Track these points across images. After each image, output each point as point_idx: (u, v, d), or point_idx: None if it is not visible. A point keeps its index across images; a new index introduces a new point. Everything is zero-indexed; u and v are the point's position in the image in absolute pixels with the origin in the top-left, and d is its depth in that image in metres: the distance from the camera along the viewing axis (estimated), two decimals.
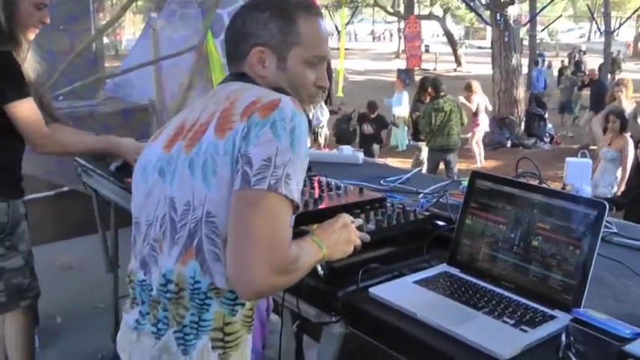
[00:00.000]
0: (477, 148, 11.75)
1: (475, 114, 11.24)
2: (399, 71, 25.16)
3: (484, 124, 11.75)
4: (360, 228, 1.66)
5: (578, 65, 22.28)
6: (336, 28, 26.13)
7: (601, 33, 23.96)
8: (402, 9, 32.30)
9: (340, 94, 18.76)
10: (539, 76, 18.88)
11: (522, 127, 14.12)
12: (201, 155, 1.38)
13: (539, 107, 14.22)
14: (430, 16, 31.22)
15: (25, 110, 2.51)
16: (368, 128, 11.40)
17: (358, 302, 1.56)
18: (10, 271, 2.70)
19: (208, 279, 1.37)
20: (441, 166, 9.23)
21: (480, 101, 11.29)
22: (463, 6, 29.18)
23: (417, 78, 24.40)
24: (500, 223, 1.64)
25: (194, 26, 5.53)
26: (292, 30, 1.52)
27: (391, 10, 34.82)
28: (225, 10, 5.31)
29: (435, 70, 27.13)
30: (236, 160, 1.32)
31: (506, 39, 13.74)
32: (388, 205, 1.97)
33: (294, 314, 1.79)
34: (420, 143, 9.98)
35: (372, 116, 11.47)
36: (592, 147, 12.18)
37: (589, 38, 47.63)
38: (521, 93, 14.31)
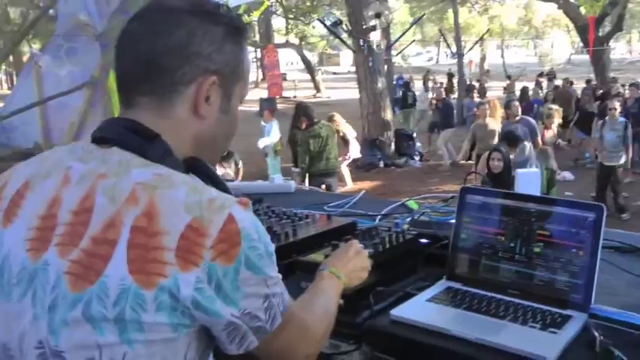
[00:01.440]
0: (346, 170, 12.00)
1: (345, 143, 11.49)
2: (262, 100, 25.36)
3: (355, 151, 12.03)
4: None
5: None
6: None
7: (452, 55, 25.48)
8: (257, 38, 32.66)
9: None
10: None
11: (393, 147, 14.65)
12: (109, 301, 0.95)
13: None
14: (287, 45, 31.77)
15: None
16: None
17: (381, 326, 1.57)
18: None
19: None
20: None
21: (346, 130, 11.55)
22: (317, 33, 30.02)
23: (280, 106, 24.76)
24: (498, 234, 1.71)
25: (83, 61, 5.31)
26: (241, 58, 1.17)
27: (249, 40, 35.08)
28: None
29: (295, 97, 27.53)
30: (227, 324, 1.01)
31: (370, 63, 14.25)
32: (362, 229, 2.00)
33: None
34: (296, 169, 10.13)
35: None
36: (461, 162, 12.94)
37: (437, 61, 50.47)
38: (389, 114, 14.88)
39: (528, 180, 2.44)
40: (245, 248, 0.99)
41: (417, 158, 14.53)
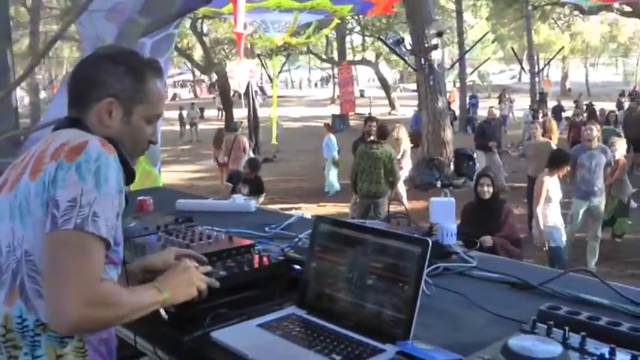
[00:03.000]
0: (403, 188, 11.89)
1: (399, 159, 11.43)
2: (334, 117, 25.60)
3: (407, 169, 11.92)
4: (209, 274, 1.71)
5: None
6: (269, 76, 26.46)
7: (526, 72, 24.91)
8: (335, 55, 32.94)
9: (274, 141, 18.93)
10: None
11: (452, 167, 14.44)
12: (18, 197, 1.45)
13: None
14: (363, 62, 31.90)
15: None
16: (244, 190, 9.41)
17: (201, 346, 1.61)
18: None
19: (34, 316, 1.41)
20: None
21: (406, 147, 11.49)
22: None
23: (352, 123, 24.95)
24: (340, 265, 1.70)
25: None
26: (141, 88, 1.61)
27: (324, 57, 35.48)
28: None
29: (369, 114, 27.58)
30: (46, 203, 1.38)
31: (431, 82, 14.14)
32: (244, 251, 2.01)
33: None
34: None
35: (252, 177, 9.64)
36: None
37: (520, 79, 49.40)
38: (448, 134, 14.67)
39: (442, 208, 2.38)
40: (82, 158, 1.40)
41: None
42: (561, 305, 1.63)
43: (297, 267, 1.94)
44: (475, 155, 14.60)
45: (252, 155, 12.14)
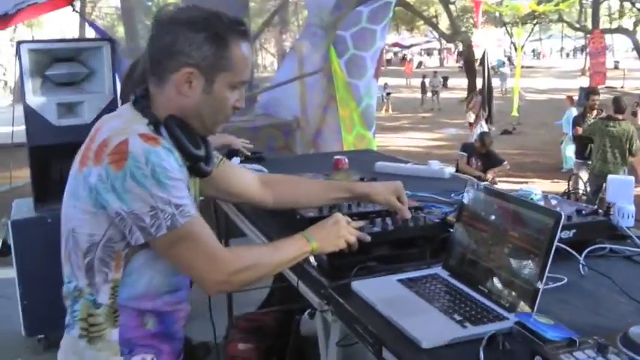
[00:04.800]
0: None
1: None
2: (582, 89, 24.01)
3: None
4: (361, 229, 1.85)
5: None
6: (514, 45, 25.53)
7: None
8: (589, 23, 30.73)
9: (515, 113, 18.37)
10: None
11: None
12: (72, 179, 1.56)
13: None
14: (619, 30, 29.40)
15: None
16: (476, 163, 8.99)
17: (341, 293, 1.75)
18: None
19: (75, 281, 1.60)
20: None
21: None
22: None
23: (603, 97, 23.10)
24: (483, 231, 1.75)
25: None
26: (224, 55, 1.55)
27: (577, 25, 33.26)
28: (348, 32, 5.59)
29: (622, 87, 25.52)
30: (116, 214, 1.45)
31: None
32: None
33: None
34: (582, 162, 9.34)
35: (483, 151, 8.99)
36: None
37: None
38: None
39: (620, 187, 2.27)
40: (131, 166, 1.42)
41: None
42: None
43: (452, 230, 2.01)
44: None
45: (484, 127, 11.96)
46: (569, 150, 12.99)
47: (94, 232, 1.52)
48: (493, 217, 1.73)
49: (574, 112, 13.19)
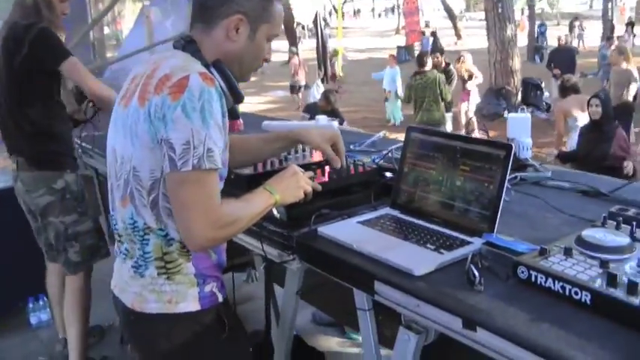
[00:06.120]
0: (465, 118, 11.78)
1: (463, 83, 11.37)
2: (399, 48, 25.32)
3: (474, 98, 11.84)
4: (312, 179, 1.93)
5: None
6: (334, 7, 26.25)
7: None
8: None
9: (340, 72, 18.97)
10: None
11: (519, 96, 14.27)
12: (130, 117, 1.60)
13: None
14: None
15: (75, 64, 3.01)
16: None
17: (309, 240, 1.84)
18: (84, 234, 3.22)
19: (142, 219, 1.64)
20: None
21: (474, 71, 11.38)
22: None
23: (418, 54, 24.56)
24: (430, 169, 1.90)
25: (184, 12, 5.77)
26: (269, 8, 1.71)
27: None
28: None
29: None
30: (159, 141, 1.52)
31: (499, 10, 13.87)
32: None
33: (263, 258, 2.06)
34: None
35: (328, 109, 8.19)
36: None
37: (591, 5, 47.36)
38: (516, 63, 14.42)
39: (518, 124, 2.55)
40: (185, 98, 1.50)
41: (543, 108, 14.03)
42: (630, 208, 1.80)
43: (389, 174, 2.16)
44: (543, 84, 14.35)
45: (320, 86, 12.28)
46: (393, 105, 13.81)
47: (155, 167, 1.57)
48: (439, 155, 1.88)
49: (398, 70, 13.95)
